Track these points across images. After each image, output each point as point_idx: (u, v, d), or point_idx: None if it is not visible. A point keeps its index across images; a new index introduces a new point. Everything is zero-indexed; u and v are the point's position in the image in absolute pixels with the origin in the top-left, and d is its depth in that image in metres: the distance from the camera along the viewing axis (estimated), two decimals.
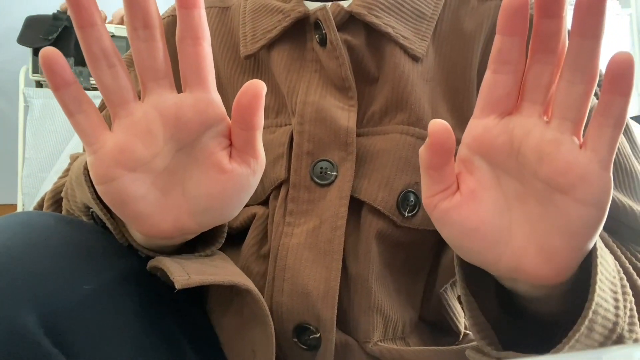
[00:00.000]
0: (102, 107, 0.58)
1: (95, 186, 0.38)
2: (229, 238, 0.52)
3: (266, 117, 0.52)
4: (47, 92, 2.12)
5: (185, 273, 0.39)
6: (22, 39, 2.12)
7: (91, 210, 0.44)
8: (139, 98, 0.38)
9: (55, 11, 2.18)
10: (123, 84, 0.36)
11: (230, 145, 0.39)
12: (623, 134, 0.50)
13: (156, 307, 0.43)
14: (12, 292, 0.34)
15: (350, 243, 0.48)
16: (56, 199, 0.53)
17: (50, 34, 2.08)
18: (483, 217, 0.35)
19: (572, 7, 0.31)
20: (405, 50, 0.50)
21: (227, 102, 0.58)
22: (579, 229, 0.33)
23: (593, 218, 0.32)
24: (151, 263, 0.42)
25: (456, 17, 0.53)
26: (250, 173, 0.39)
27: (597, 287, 0.34)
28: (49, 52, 0.34)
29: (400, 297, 0.50)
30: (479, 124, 0.35)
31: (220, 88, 0.56)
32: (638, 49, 2.85)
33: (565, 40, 0.33)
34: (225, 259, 0.47)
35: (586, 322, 0.33)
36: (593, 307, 0.33)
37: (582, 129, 0.33)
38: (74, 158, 0.52)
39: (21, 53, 2.24)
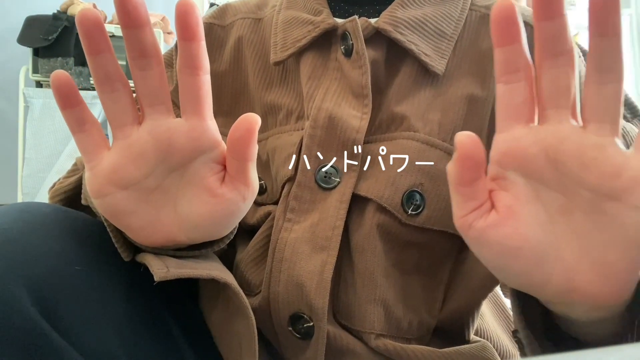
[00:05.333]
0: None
1: (92, 199, 0.40)
2: (246, 234, 0.55)
3: (287, 121, 0.55)
4: (47, 92, 2.12)
5: (164, 266, 0.40)
6: (22, 39, 2.12)
7: None
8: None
9: (55, 11, 2.18)
10: (122, 107, 0.38)
11: (224, 170, 0.40)
12: None
13: (148, 294, 0.45)
14: (6, 271, 0.35)
15: (357, 239, 0.50)
16: (60, 199, 0.53)
17: (50, 34, 2.08)
18: (525, 233, 0.32)
19: (572, 8, 0.31)
20: (425, 66, 0.52)
21: (253, 110, 0.58)
22: (636, 238, 0.30)
23: None
24: (137, 258, 0.43)
25: (475, 36, 0.55)
26: (240, 199, 0.40)
27: None
28: (61, 75, 0.36)
29: (410, 298, 0.51)
30: (506, 138, 0.33)
31: (248, 97, 0.59)
32: (638, 49, 2.86)
33: (572, 38, 0.31)
34: (212, 256, 0.48)
35: None
36: None
37: (620, 130, 0.31)
38: (81, 161, 0.54)
39: (21, 53, 2.24)
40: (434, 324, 0.51)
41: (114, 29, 2.15)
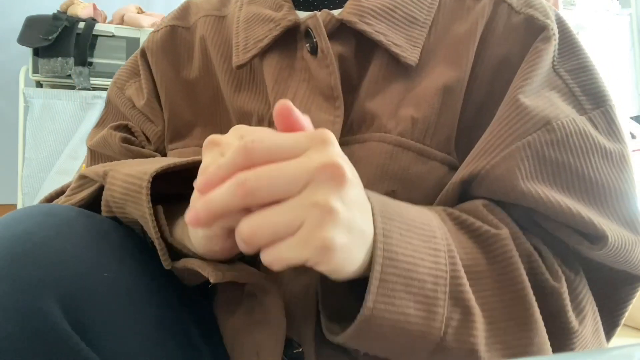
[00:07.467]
0: (100, 122, 0.61)
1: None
2: None
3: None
4: (47, 92, 2.12)
5: (218, 270, 0.40)
6: (22, 39, 2.12)
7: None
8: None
9: (55, 11, 2.18)
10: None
11: None
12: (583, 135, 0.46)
13: (171, 300, 0.44)
14: (33, 277, 0.35)
15: None
16: None
17: (50, 34, 2.08)
18: None
19: (572, 8, 0.30)
20: (396, 57, 0.49)
21: (229, 117, 0.55)
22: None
23: None
24: (179, 264, 0.42)
25: (450, 19, 0.52)
26: None
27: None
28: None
29: None
30: None
31: (223, 103, 0.56)
32: (638, 49, 2.85)
33: None
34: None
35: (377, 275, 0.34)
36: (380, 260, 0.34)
37: None
38: (94, 173, 0.49)
39: (21, 53, 2.24)
40: None
41: (113, 29, 2.15)
